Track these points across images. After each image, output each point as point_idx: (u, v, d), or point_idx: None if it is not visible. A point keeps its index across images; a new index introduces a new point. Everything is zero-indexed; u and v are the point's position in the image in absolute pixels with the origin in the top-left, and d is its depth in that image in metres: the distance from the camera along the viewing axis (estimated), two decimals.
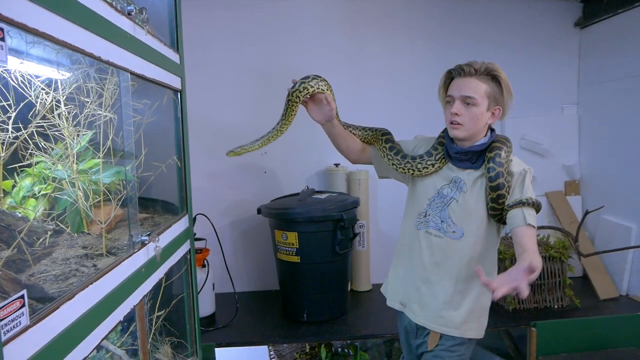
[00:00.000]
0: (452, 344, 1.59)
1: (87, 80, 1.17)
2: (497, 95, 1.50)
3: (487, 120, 1.52)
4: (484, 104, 1.49)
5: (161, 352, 1.67)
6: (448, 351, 1.59)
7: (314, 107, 1.67)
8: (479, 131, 1.53)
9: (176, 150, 1.64)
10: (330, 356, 2.68)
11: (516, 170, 1.52)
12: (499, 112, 1.53)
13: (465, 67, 1.51)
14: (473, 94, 1.48)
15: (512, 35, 2.86)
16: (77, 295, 0.82)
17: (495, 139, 1.56)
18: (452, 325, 1.57)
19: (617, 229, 2.58)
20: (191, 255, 1.68)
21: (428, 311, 1.60)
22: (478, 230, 1.55)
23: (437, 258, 1.58)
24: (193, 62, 2.60)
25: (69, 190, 1.21)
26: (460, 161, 1.57)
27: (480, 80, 1.49)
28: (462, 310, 1.57)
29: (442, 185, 1.60)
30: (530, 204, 1.48)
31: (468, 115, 1.49)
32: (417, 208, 1.65)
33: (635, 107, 2.47)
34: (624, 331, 2.23)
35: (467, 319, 1.58)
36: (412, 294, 1.64)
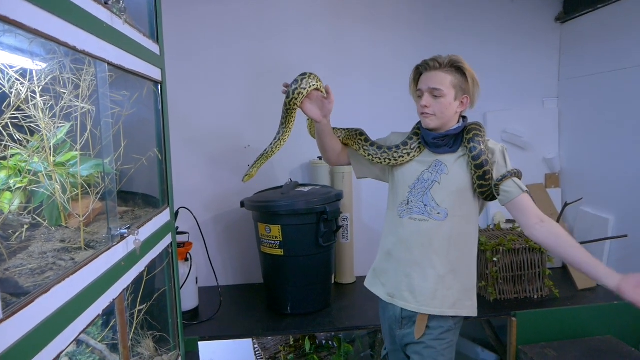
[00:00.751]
0: (441, 331, 1.62)
1: (63, 71, 1.15)
2: (463, 85, 1.59)
3: (457, 109, 1.61)
4: (450, 94, 1.58)
5: (143, 346, 1.66)
6: (438, 340, 1.62)
7: (310, 106, 1.69)
8: (450, 119, 1.62)
9: (157, 143, 1.62)
10: (314, 348, 2.69)
11: (495, 147, 1.62)
12: (467, 101, 1.61)
13: (430, 62, 1.62)
14: (439, 86, 1.58)
15: (494, 29, 2.88)
16: (52, 289, 0.81)
17: (468, 124, 1.65)
18: (447, 305, 1.61)
19: (595, 220, 2.63)
20: (173, 248, 1.67)
21: (422, 295, 1.62)
22: (461, 208, 1.61)
23: (424, 241, 1.62)
24: (175, 54, 2.57)
25: (46, 183, 1.19)
26: (438, 147, 1.64)
27: (446, 72, 1.59)
28: (455, 290, 1.61)
29: (422, 171, 1.66)
30: (516, 174, 1.58)
31: (437, 106, 1.59)
32: (399, 198, 1.69)
33: (614, 100, 2.51)
34: (600, 320, 2.28)
35: (460, 297, 1.62)
36: (402, 282, 1.66)
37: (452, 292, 1.61)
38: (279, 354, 2.68)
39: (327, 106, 1.68)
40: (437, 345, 1.62)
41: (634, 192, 2.38)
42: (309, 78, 1.64)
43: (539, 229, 1.51)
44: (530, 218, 1.53)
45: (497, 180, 1.57)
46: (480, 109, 2.92)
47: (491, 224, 2.84)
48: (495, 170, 1.58)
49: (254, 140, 2.77)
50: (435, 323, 1.62)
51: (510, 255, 2.38)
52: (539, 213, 1.54)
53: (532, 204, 1.56)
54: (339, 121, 2.78)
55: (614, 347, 2.16)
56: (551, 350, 2.12)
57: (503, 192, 1.56)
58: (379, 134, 2.56)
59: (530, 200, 1.56)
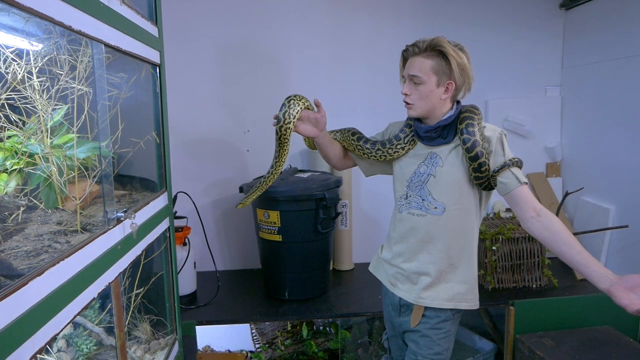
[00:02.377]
0: (437, 321, 1.60)
1: (60, 52, 1.13)
2: (446, 70, 1.48)
3: (442, 96, 1.51)
4: (431, 81, 1.49)
5: (140, 329, 1.67)
6: (434, 329, 1.60)
7: (304, 127, 1.62)
8: (435, 107, 1.53)
9: (155, 126, 1.60)
10: (311, 334, 2.70)
11: (492, 134, 1.52)
12: (452, 87, 1.50)
13: (410, 47, 1.54)
14: (417, 73, 1.49)
15: (496, 16, 2.85)
16: (47, 271, 0.80)
17: (463, 110, 1.56)
18: (445, 298, 1.58)
19: (595, 210, 2.62)
20: (170, 232, 1.67)
21: (420, 287, 1.60)
22: (459, 201, 1.55)
23: (422, 237, 1.59)
24: (174, 38, 2.55)
25: (43, 165, 1.18)
26: (431, 139, 1.58)
27: (426, 57, 1.49)
28: (454, 283, 1.58)
29: (419, 164, 1.61)
30: (516, 164, 1.50)
31: (417, 95, 1.52)
32: (398, 192, 1.67)
33: (617, 89, 2.48)
34: (599, 310, 2.28)
35: (460, 290, 1.59)
36: (402, 273, 1.65)
37: (451, 285, 1.59)
38: (276, 340, 2.69)
39: (321, 120, 1.61)
40: (432, 334, 1.61)
41: (635, 182, 2.37)
42: (296, 100, 1.57)
43: (535, 223, 1.44)
44: (527, 211, 1.46)
45: (494, 171, 1.49)
46: (482, 96, 2.90)
47: (491, 212, 2.83)
48: (492, 159, 1.50)
49: (253, 125, 2.76)
50: (431, 312, 1.60)
51: (510, 244, 2.37)
52: (536, 205, 1.46)
53: (530, 196, 1.48)
54: (341, 110, 2.78)
55: (612, 337, 2.16)
56: (549, 340, 2.13)
57: (500, 183, 1.49)
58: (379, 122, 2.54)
59: (528, 192, 1.49)
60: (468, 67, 1.51)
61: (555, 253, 1.43)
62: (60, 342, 1.46)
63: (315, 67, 2.76)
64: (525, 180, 1.50)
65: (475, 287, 1.64)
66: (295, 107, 1.56)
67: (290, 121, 1.56)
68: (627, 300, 1.25)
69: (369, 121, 2.82)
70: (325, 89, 2.78)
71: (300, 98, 1.59)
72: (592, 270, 1.34)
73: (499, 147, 1.51)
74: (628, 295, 1.25)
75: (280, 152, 1.67)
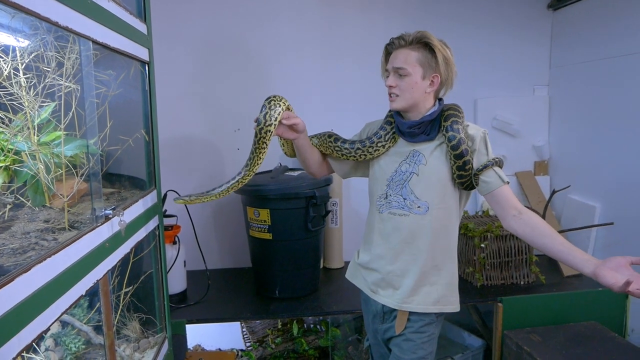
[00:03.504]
0: (421, 324, 1.58)
1: (47, 48, 1.13)
2: (432, 63, 1.47)
3: (427, 89, 1.50)
4: (417, 73, 1.47)
5: (129, 328, 1.66)
6: (418, 333, 1.58)
7: (284, 128, 1.55)
8: (419, 101, 1.51)
9: (144, 124, 1.60)
10: (301, 332, 2.70)
11: (475, 133, 1.52)
12: (437, 80, 1.49)
13: (396, 40, 1.53)
14: (403, 64, 1.48)
15: (485, 16, 2.87)
16: (33, 268, 0.80)
17: (445, 107, 1.55)
18: (430, 302, 1.56)
19: (582, 208, 2.65)
20: (160, 231, 1.66)
21: (404, 292, 1.56)
22: (442, 200, 1.53)
23: (405, 237, 1.55)
24: (164, 34, 2.54)
25: (30, 162, 1.18)
26: (414, 136, 1.54)
27: (412, 49, 1.48)
28: (438, 286, 1.56)
29: (400, 162, 1.57)
30: (497, 163, 1.51)
31: (402, 86, 1.49)
32: (377, 191, 1.62)
33: (604, 89, 2.51)
34: (585, 306, 2.31)
35: (444, 292, 1.57)
36: (383, 278, 1.60)
37: (436, 288, 1.56)
38: (267, 338, 2.69)
39: (300, 124, 1.54)
40: (416, 338, 1.58)
41: (620, 180, 2.40)
42: (276, 101, 1.51)
43: (517, 221, 1.46)
44: (508, 210, 1.47)
45: (477, 170, 1.49)
46: (471, 95, 2.92)
47: (479, 210, 2.86)
48: (475, 158, 1.50)
49: (244, 124, 2.75)
50: (415, 316, 1.58)
51: (498, 242, 2.40)
52: (517, 204, 1.48)
53: (511, 196, 1.49)
54: (331, 107, 2.79)
55: (598, 332, 2.19)
56: (536, 336, 2.15)
57: (482, 182, 1.49)
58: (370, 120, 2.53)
59: (509, 192, 1.50)
60: (453, 61, 1.50)
61: (539, 247, 1.44)
62: (48, 341, 1.45)
63: (306, 65, 2.77)
64: (507, 179, 1.51)
65: (456, 289, 1.62)
66: (276, 108, 1.49)
67: (271, 123, 1.49)
68: (612, 279, 1.28)
69: (360, 119, 2.81)
70: (316, 86, 2.79)
71: (281, 99, 1.52)
72: (576, 257, 1.36)
73: (482, 146, 1.51)
74: (613, 274, 1.28)
75: (257, 155, 1.57)
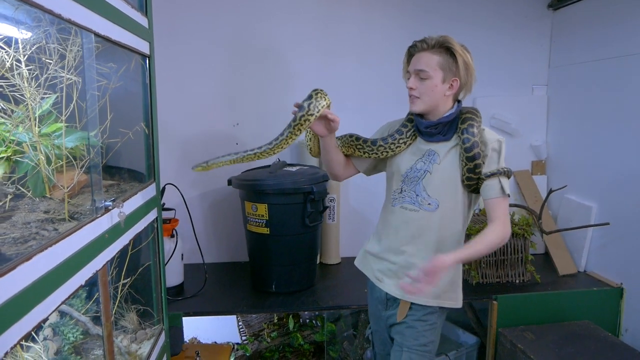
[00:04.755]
0: (424, 312, 1.63)
1: (49, 40, 1.14)
2: (452, 67, 1.52)
3: (446, 92, 1.55)
4: (437, 76, 1.52)
5: (127, 319, 1.68)
6: (420, 321, 1.63)
7: (317, 122, 1.58)
8: (438, 103, 1.56)
9: (144, 117, 1.61)
10: (297, 327, 2.72)
11: (491, 139, 1.57)
12: (457, 84, 1.54)
13: (418, 43, 1.57)
14: (424, 67, 1.52)
15: (485, 14, 2.87)
16: (34, 257, 0.81)
17: (464, 111, 1.60)
18: (430, 296, 1.60)
19: (578, 207, 2.67)
20: (158, 223, 1.67)
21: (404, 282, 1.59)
22: (452, 200, 1.59)
23: (413, 231, 1.61)
24: (165, 29, 2.55)
25: (30, 153, 1.18)
26: (431, 135, 1.60)
27: (433, 53, 1.53)
28: (441, 281, 1.54)
29: (416, 160, 1.62)
30: (505, 173, 1.54)
31: (423, 89, 1.54)
32: (393, 186, 1.68)
33: (603, 90, 2.53)
34: (579, 305, 2.34)
35: (446, 289, 1.62)
36: (390, 268, 1.67)
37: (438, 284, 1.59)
38: (263, 332, 2.71)
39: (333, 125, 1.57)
40: (418, 325, 1.63)
41: (617, 181, 2.42)
42: (322, 94, 1.54)
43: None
44: (491, 219, 1.54)
45: (484, 175, 1.54)
46: (470, 94, 2.92)
47: (476, 208, 2.87)
48: (486, 163, 1.54)
49: (243, 119, 2.76)
50: (418, 306, 1.63)
51: None
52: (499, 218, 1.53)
53: (502, 210, 1.53)
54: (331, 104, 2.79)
55: (591, 331, 2.21)
56: (530, 334, 2.17)
57: (485, 186, 1.54)
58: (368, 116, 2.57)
59: (503, 206, 1.54)
60: (473, 66, 1.56)
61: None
62: (46, 330, 1.47)
63: (305, 62, 2.77)
64: (509, 192, 1.54)
65: (459, 287, 1.67)
66: (321, 101, 1.52)
67: (312, 113, 1.51)
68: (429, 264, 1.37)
69: (359, 115, 2.84)
70: (315, 83, 2.77)
71: (326, 94, 1.55)
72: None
73: (495, 154, 1.55)
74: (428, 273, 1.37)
75: (285, 139, 1.58)
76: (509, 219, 1.57)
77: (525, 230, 2.44)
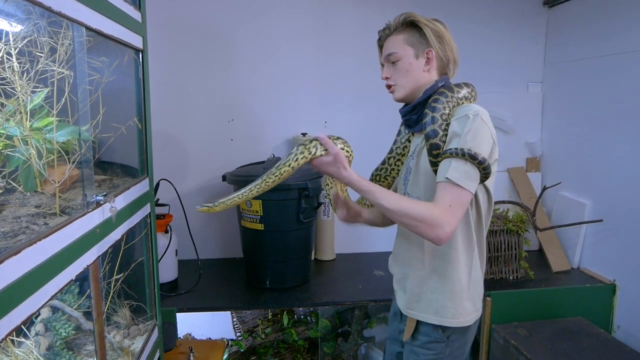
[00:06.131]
0: (427, 340, 1.44)
1: (40, 34, 1.13)
2: (422, 39, 1.38)
3: (424, 68, 1.39)
4: (408, 54, 1.39)
5: (120, 315, 1.67)
6: (423, 348, 1.45)
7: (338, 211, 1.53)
8: (419, 83, 1.40)
9: (137, 112, 1.60)
10: (292, 323, 2.72)
11: (463, 112, 1.29)
12: (432, 54, 1.38)
13: (381, 31, 1.47)
14: (392, 49, 1.41)
15: (481, 11, 2.87)
16: (23, 251, 0.80)
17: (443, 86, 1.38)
18: (430, 312, 1.42)
19: (572, 204, 2.68)
20: (151, 219, 1.67)
21: (410, 296, 1.47)
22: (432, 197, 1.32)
23: (405, 237, 1.50)
24: (158, 23, 2.53)
25: (21, 148, 1.18)
26: (411, 125, 1.44)
27: (398, 33, 1.42)
28: (439, 294, 1.40)
29: (408, 159, 1.50)
30: (463, 155, 1.23)
31: (397, 73, 1.41)
32: (400, 191, 1.55)
33: (598, 87, 2.53)
34: (572, 302, 2.34)
35: (445, 303, 1.40)
36: (400, 278, 1.54)
37: (436, 297, 1.40)
38: (257, 328, 2.71)
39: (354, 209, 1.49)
40: (420, 353, 1.45)
41: (611, 178, 2.43)
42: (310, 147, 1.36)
43: None
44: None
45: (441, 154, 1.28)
46: None
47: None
48: (446, 142, 1.29)
49: (237, 114, 2.76)
50: (424, 328, 1.45)
51: (488, 237, 2.40)
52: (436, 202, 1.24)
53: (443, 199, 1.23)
54: (327, 101, 2.79)
55: (584, 328, 2.22)
56: (523, 330, 2.18)
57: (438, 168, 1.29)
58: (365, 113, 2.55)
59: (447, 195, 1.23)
60: (447, 35, 1.41)
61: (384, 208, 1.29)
62: (38, 326, 1.46)
63: (301, 58, 2.77)
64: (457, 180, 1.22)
65: (464, 300, 1.41)
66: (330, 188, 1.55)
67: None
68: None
69: (354, 113, 2.84)
70: (310, 79, 2.79)
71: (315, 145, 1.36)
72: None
73: (459, 127, 1.27)
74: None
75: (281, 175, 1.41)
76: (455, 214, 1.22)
77: (519, 227, 2.44)
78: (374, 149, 2.89)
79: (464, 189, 1.23)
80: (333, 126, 2.82)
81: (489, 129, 1.29)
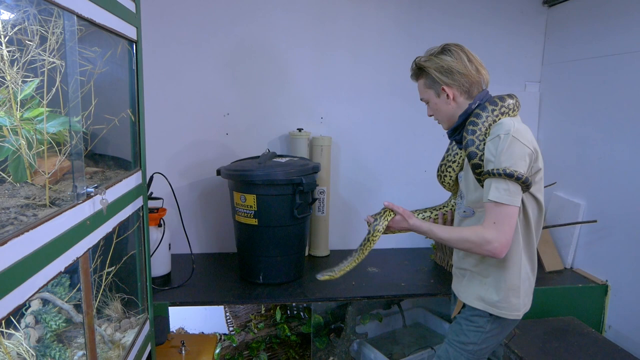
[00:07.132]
0: (471, 313, 1.60)
1: (30, 22, 1.11)
2: (434, 80, 1.55)
3: (447, 102, 1.56)
4: (431, 95, 1.59)
5: (111, 307, 1.66)
6: (466, 320, 1.61)
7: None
8: (451, 114, 1.58)
9: (130, 104, 1.58)
10: (285, 318, 2.72)
11: (495, 131, 1.44)
12: (449, 89, 1.53)
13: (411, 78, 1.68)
14: (420, 95, 1.64)
15: (480, 9, 2.86)
16: (10, 242, 0.79)
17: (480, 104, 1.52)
18: (474, 297, 1.59)
19: (567, 204, 2.68)
20: (144, 212, 1.65)
21: (461, 282, 1.68)
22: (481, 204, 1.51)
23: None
24: (154, 15, 2.51)
25: (11, 138, 1.16)
26: (459, 143, 1.61)
27: (418, 79, 1.63)
28: (488, 286, 1.56)
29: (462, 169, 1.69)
30: (500, 175, 1.38)
31: (433, 112, 1.63)
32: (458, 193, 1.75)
33: (595, 88, 2.53)
34: (564, 301, 2.35)
35: (491, 294, 1.55)
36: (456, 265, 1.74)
37: (485, 288, 1.56)
38: (250, 323, 2.70)
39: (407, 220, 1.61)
40: (463, 323, 1.61)
41: (605, 179, 2.43)
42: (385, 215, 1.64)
43: None
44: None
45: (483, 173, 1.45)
46: None
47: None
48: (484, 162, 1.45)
49: (233, 109, 2.74)
50: (469, 305, 1.62)
51: None
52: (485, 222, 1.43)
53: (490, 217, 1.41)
54: (323, 97, 2.78)
55: (575, 327, 2.23)
56: (515, 328, 2.17)
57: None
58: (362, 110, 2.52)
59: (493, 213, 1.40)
60: (457, 63, 1.51)
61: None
62: (28, 318, 1.45)
63: (298, 54, 2.75)
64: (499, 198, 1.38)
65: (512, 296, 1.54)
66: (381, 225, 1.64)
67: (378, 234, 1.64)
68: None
69: (352, 110, 2.83)
70: (308, 76, 2.78)
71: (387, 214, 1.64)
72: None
73: (493, 147, 1.42)
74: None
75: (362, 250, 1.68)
76: (502, 229, 1.39)
77: None
78: (369, 144, 2.89)
79: (507, 205, 1.40)
80: (329, 123, 2.81)
81: (522, 144, 1.41)
